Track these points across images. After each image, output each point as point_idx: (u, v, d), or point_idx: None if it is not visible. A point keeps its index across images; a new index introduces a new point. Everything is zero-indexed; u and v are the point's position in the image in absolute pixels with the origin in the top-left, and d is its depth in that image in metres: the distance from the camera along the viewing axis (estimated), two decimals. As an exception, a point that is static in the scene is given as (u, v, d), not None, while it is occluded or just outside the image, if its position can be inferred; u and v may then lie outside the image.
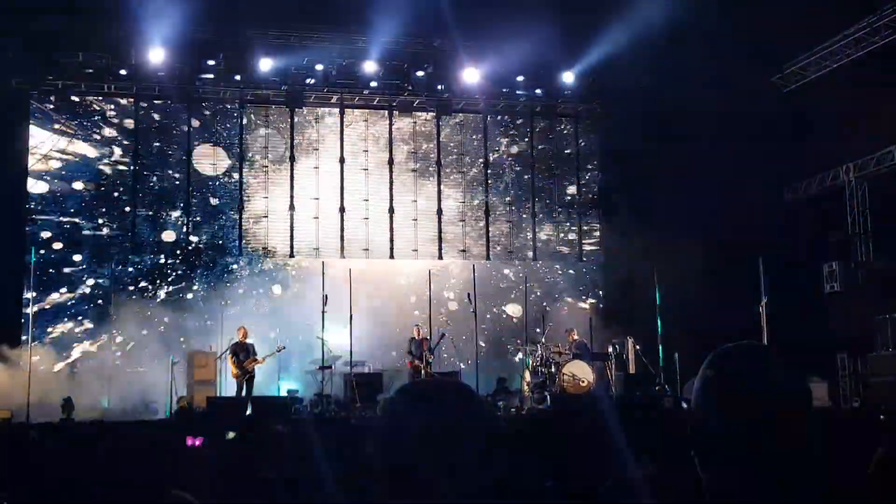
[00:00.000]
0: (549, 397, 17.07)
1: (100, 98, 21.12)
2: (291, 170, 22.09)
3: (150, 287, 20.86)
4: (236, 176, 21.77)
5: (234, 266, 21.51)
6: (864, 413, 16.82)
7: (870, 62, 19.25)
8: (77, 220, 20.72)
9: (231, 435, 11.68)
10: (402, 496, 1.64)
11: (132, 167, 21.19)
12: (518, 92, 23.04)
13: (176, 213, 21.33)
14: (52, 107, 20.80)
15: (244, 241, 21.57)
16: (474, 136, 23.45)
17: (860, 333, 19.46)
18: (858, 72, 19.39)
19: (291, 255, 21.76)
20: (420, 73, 22.26)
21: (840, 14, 19.40)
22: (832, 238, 20.75)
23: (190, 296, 20.96)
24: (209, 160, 21.73)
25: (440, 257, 22.54)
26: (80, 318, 20.26)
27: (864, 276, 20.10)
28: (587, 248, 23.67)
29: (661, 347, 18.66)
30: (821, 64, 20.49)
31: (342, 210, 22.18)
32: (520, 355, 19.04)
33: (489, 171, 23.34)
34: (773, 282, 17.74)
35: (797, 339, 17.31)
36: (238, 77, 21.43)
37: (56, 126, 20.78)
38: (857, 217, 20.91)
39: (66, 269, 20.44)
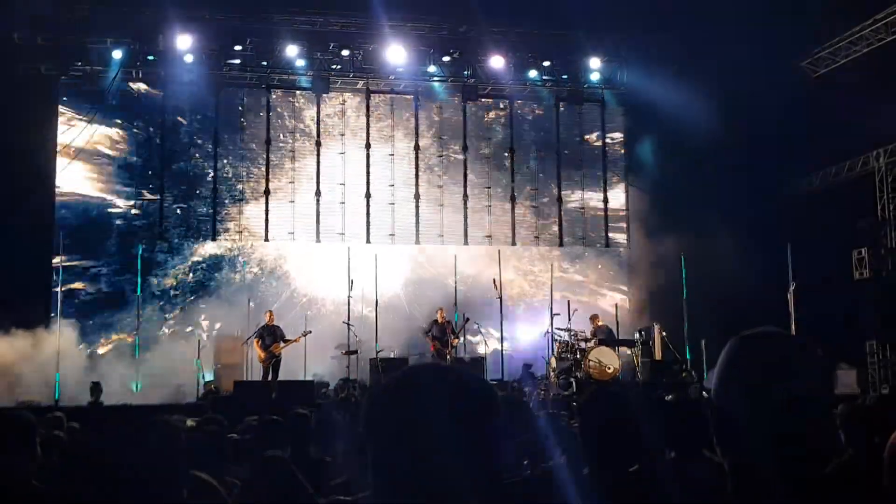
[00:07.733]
0: (574, 383, 17.03)
1: (128, 83, 21.22)
2: (318, 155, 22.14)
3: (177, 271, 20.99)
4: (263, 161, 21.84)
5: (260, 250, 21.59)
6: (891, 400, 16.68)
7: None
8: (105, 204, 20.86)
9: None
10: (390, 477, 1.64)
11: (159, 152, 21.31)
12: (544, 77, 22.93)
13: (203, 198, 21.42)
14: (80, 92, 20.90)
15: (270, 226, 21.64)
16: (500, 122, 23.39)
17: (890, 320, 19.30)
18: (889, 56, 19.16)
19: (317, 241, 21.82)
20: (446, 59, 22.20)
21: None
22: (861, 224, 20.53)
23: (217, 280, 21.07)
24: (236, 145, 21.81)
25: (465, 242, 22.52)
26: (108, 302, 20.40)
27: (893, 262, 19.91)
28: (613, 233, 23.57)
29: (686, 334, 18.60)
30: (850, 48, 20.25)
31: (368, 196, 22.22)
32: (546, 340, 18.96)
33: (515, 157, 23.28)
34: (802, 268, 17.62)
35: (826, 325, 17.21)
36: (265, 63, 21.48)
37: (84, 111, 20.90)
38: (887, 203, 20.70)
39: (94, 254, 20.58)
